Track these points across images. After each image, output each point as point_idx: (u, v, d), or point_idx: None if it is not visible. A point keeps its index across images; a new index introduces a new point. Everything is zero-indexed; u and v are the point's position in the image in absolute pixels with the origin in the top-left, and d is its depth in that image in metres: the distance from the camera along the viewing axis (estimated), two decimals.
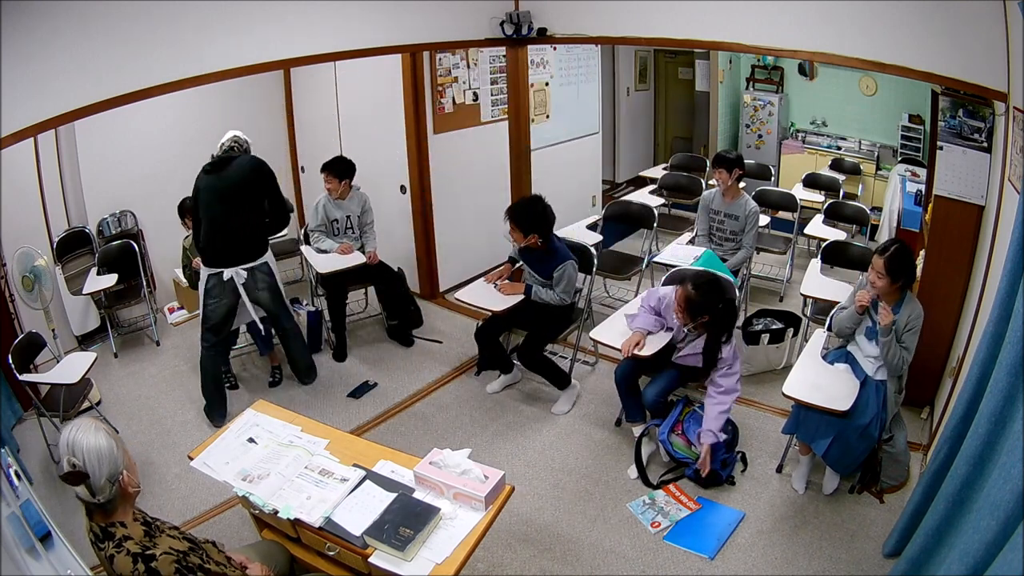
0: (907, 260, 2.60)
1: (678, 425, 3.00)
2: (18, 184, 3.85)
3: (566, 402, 3.58)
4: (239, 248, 3.37)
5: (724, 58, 6.59)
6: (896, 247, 2.61)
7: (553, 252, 3.41)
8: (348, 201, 4.07)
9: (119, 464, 1.60)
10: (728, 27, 3.30)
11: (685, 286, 2.72)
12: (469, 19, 3.96)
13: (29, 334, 3.28)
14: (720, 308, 2.73)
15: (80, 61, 2.51)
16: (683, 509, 2.83)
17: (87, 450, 1.55)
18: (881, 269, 2.59)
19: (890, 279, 2.59)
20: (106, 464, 1.56)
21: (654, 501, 2.88)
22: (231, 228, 3.31)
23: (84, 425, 1.61)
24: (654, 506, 2.86)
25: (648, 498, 2.90)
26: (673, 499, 2.89)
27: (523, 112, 4.48)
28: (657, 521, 2.77)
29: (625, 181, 7.50)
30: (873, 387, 2.72)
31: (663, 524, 2.76)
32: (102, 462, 1.56)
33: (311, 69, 4.44)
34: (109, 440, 1.60)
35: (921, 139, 5.48)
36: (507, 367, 3.75)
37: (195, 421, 3.59)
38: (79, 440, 1.56)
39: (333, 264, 3.93)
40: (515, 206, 3.45)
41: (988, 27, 2.51)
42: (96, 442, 1.57)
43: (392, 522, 1.86)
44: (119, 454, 1.61)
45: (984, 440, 1.86)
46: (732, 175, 3.88)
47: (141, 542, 1.60)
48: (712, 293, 2.71)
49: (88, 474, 1.55)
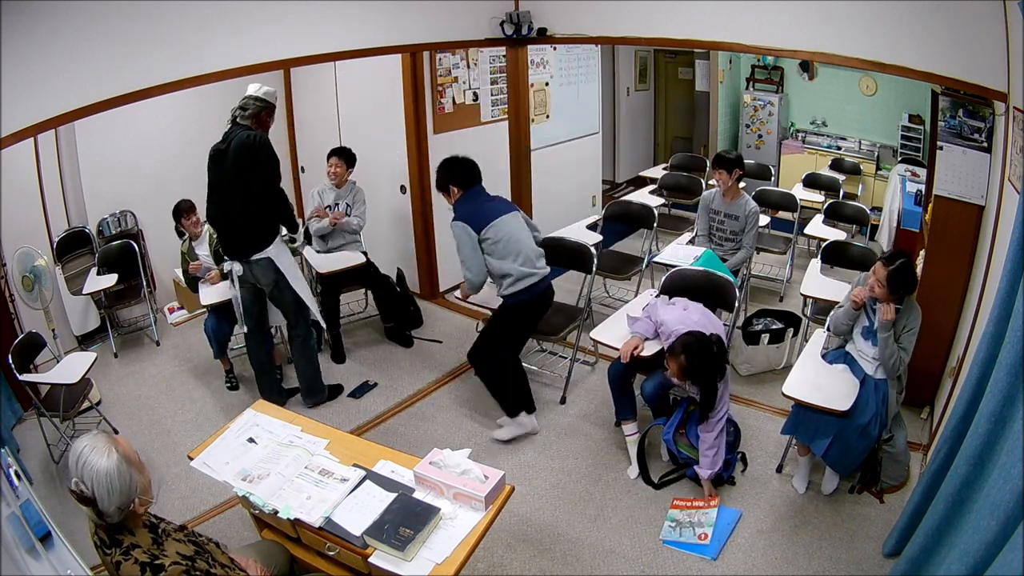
0: (910, 278, 2.60)
1: (682, 425, 3.00)
2: (18, 184, 3.86)
3: (508, 431, 3.28)
4: (234, 240, 3.20)
5: (724, 58, 6.59)
6: (901, 262, 2.59)
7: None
8: (343, 190, 4.13)
9: (132, 492, 1.51)
10: (728, 27, 3.30)
11: (678, 359, 2.66)
12: (469, 19, 3.96)
13: (29, 334, 3.28)
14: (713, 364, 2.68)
15: (80, 61, 2.51)
16: (709, 511, 2.77)
17: (97, 478, 1.46)
18: (883, 280, 2.59)
19: (888, 290, 2.60)
20: (116, 494, 1.48)
21: (677, 521, 2.77)
22: (227, 219, 3.17)
23: (98, 446, 1.50)
24: (682, 524, 2.75)
25: (670, 521, 2.78)
26: (691, 508, 2.82)
27: (523, 112, 4.48)
28: (704, 533, 2.67)
29: (625, 181, 7.50)
30: (872, 386, 2.72)
31: (708, 532, 2.67)
32: (112, 492, 1.47)
33: (311, 69, 4.44)
34: (122, 465, 1.49)
35: (921, 139, 5.48)
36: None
37: (195, 421, 3.60)
38: (90, 464, 1.47)
39: (332, 264, 3.96)
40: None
41: (988, 27, 2.51)
42: (107, 468, 1.47)
43: (392, 522, 1.86)
44: (132, 480, 1.51)
45: (984, 440, 1.86)
46: (732, 175, 3.88)
47: (149, 550, 1.56)
48: (703, 354, 2.65)
49: (96, 501, 1.47)
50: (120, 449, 1.54)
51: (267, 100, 3.13)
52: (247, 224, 3.16)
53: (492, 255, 3.09)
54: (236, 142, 3.03)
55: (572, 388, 3.72)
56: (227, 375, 3.92)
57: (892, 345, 2.61)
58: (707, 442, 2.79)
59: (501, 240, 3.06)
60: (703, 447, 2.82)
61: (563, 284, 4.98)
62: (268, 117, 3.18)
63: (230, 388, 3.86)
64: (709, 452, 2.79)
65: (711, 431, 2.78)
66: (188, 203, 3.94)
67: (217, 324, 3.75)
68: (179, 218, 3.94)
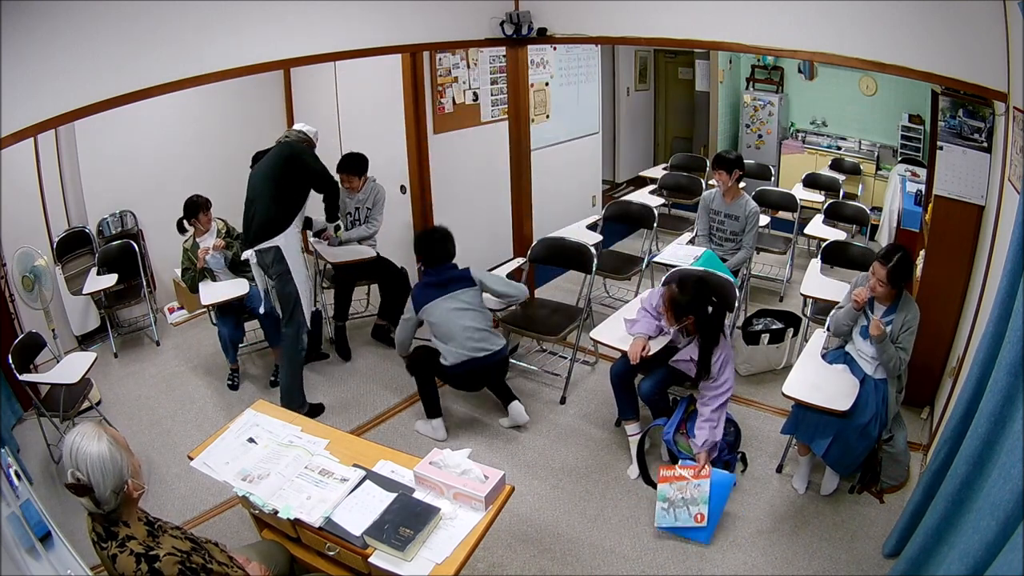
0: (909, 268, 2.63)
1: (682, 425, 3.00)
2: (18, 184, 3.85)
3: (425, 426, 3.40)
4: (252, 231, 3.36)
5: (724, 58, 6.59)
6: (900, 256, 2.60)
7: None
8: (361, 193, 4.16)
9: (124, 473, 1.57)
10: (728, 27, 3.29)
11: (670, 287, 2.72)
12: (469, 19, 3.96)
13: (29, 334, 3.28)
14: (704, 309, 2.70)
15: (80, 61, 2.50)
16: (701, 483, 2.67)
17: (91, 462, 1.52)
18: (883, 278, 2.59)
19: (890, 287, 2.61)
20: (110, 476, 1.54)
21: (670, 500, 2.69)
22: (250, 212, 3.35)
23: (88, 432, 1.57)
24: (675, 503, 2.68)
25: (661, 501, 2.71)
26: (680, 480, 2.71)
27: (523, 112, 4.47)
28: (699, 513, 2.63)
29: (625, 181, 7.50)
30: (872, 386, 2.72)
31: (703, 511, 2.62)
32: (106, 474, 1.53)
33: (311, 69, 4.44)
34: (112, 447, 1.56)
35: (921, 139, 5.48)
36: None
37: (195, 421, 3.60)
38: (82, 450, 1.53)
39: (342, 255, 3.99)
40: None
41: (988, 27, 2.51)
42: (99, 451, 1.54)
43: (392, 522, 1.86)
44: (123, 460, 1.58)
45: (984, 440, 1.86)
46: (732, 176, 3.88)
47: (144, 542, 1.59)
48: (697, 294, 2.69)
49: (92, 487, 1.52)
50: (108, 433, 1.60)
51: (308, 136, 3.47)
52: (265, 218, 3.31)
53: (435, 335, 3.27)
54: (275, 152, 3.36)
55: (572, 388, 3.72)
56: (231, 374, 3.92)
57: (890, 349, 2.62)
58: (704, 415, 2.75)
59: (435, 324, 3.24)
60: (699, 420, 2.76)
61: (563, 284, 5.01)
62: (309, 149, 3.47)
63: (231, 387, 3.87)
64: (705, 424, 2.73)
65: (708, 405, 2.74)
66: (206, 200, 3.92)
67: (233, 329, 3.79)
68: (196, 213, 3.85)
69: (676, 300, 2.70)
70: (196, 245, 3.92)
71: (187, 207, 3.87)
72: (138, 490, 1.62)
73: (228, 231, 3.99)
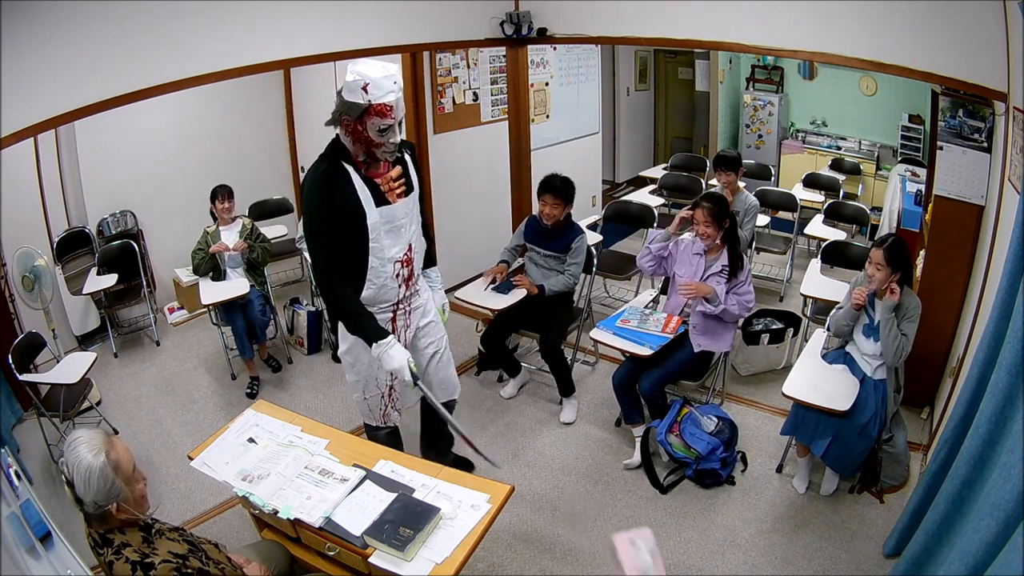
0: (905, 251, 2.64)
1: (675, 426, 3.00)
2: (18, 184, 3.86)
3: (571, 410, 3.52)
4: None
5: (724, 58, 6.59)
6: (894, 238, 2.65)
7: (571, 224, 3.47)
8: None
9: (110, 497, 1.53)
10: (728, 27, 3.30)
11: (701, 204, 3.02)
12: (469, 19, 3.96)
13: (29, 334, 3.28)
14: (729, 216, 3.06)
15: (80, 61, 2.50)
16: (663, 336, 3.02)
17: (78, 469, 1.50)
18: (881, 260, 2.60)
19: (890, 270, 2.60)
20: (93, 491, 1.50)
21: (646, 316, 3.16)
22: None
23: (92, 442, 1.54)
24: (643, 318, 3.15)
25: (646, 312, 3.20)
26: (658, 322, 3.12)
27: (523, 112, 4.47)
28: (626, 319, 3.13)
29: (625, 181, 7.50)
30: (872, 386, 2.72)
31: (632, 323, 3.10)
32: (89, 487, 1.50)
33: (311, 69, 4.43)
34: (106, 469, 1.51)
35: (921, 139, 5.48)
36: (515, 369, 3.73)
37: (195, 421, 3.60)
38: (77, 454, 1.51)
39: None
40: (553, 181, 3.47)
41: (988, 27, 2.51)
42: (90, 464, 1.50)
43: (392, 522, 1.86)
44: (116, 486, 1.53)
45: (984, 440, 1.86)
46: (739, 174, 3.93)
47: (140, 549, 1.58)
48: (721, 199, 3.07)
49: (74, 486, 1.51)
50: (112, 455, 1.54)
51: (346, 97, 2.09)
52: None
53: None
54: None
55: None
56: (251, 382, 3.84)
57: (895, 328, 2.60)
58: (725, 303, 2.99)
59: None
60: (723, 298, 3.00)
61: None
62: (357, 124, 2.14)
63: (249, 395, 3.76)
64: (721, 305, 2.98)
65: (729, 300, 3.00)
66: (227, 188, 3.94)
67: (244, 320, 3.76)
68: (214, 199, 3.93)
69: (713, 210, 2.98)
70: (218, 232, 3.93)
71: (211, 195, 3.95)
72: (126, 513, 1.58)
73: (252, 232, 4.00)
